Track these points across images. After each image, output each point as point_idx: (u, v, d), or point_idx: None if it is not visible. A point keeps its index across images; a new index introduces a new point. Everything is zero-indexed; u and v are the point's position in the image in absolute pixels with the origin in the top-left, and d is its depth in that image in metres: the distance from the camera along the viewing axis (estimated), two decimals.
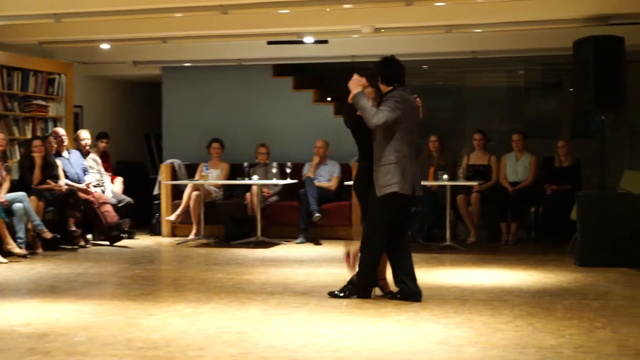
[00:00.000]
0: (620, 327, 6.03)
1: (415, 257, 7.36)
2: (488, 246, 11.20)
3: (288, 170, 11.62)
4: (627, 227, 9.09)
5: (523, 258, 9.92)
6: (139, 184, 13.87)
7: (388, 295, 7.25)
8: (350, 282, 7.27)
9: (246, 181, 11.64)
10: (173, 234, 12.58)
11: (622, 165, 12.20)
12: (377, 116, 6.92)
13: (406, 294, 7.09)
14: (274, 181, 11.68)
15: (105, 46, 12.94)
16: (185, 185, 12.32)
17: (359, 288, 7.20)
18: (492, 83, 15.39)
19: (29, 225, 10.33)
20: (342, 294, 7.22)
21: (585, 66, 9.34)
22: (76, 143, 12.25)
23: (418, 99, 7.26)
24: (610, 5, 9.95)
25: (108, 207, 11.39)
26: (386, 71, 7.19)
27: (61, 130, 11.88)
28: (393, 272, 7.21)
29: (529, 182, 11.73)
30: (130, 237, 11.92)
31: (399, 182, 6.94)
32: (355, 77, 7.15)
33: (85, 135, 12.24)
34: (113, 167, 13.52)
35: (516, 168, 11.84)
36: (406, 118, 6.99)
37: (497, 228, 11.64)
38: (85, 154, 12.09)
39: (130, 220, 11.75)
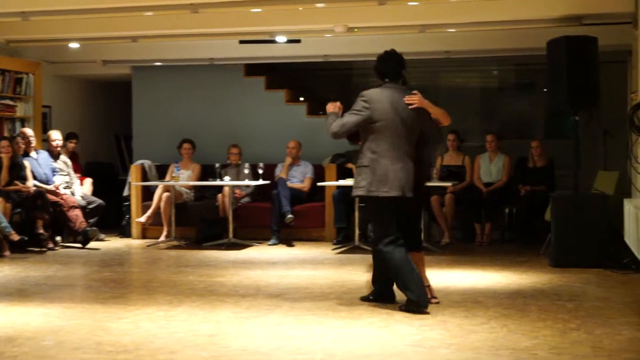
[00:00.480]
0: (594, 328, 6.07)
1: None
2: (462, 247, 11.24)
3: (260, 171, 11.59)
4: (601, 227, 9.14)
5: (497, 259, 9.95)
6: (109, 185, 13.80)
7: (363, 297, 7.23)
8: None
9: (218, 182, 11.60)
10: (143, 236, 12.52)
11: (596, 165, 12.27)
12: (331, 126, 6.87)
13: (380, 296, 7.08)
14: (246, 182, 11.66)
15: (74, 45, 12.86)
16: (156, 187, 12.27)
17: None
18: (465, 83, 15.45)
19: None
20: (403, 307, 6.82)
21: (559, 66, 9.38)
22: (46, 144, 12.17)
23: (414, 98, 6.84)
24: (583, 6, 10.01)
25: (77, 212, 11.29)
26: (377, 67, 7.07)
27: (29, 131, 11.78)
28: (373, 273, 7.20)
29: (502, 182, 11.79)
30: (99, 239, 11.85)
31: (367, 185, 6.77)
32: (329, 104, 7.04)
33: (56, 136, 12.13)
34: (82, 168, 13.45)
35: (490, 169, 11.89)
36: (381, 117, 6.76)
37: (471, 229, 11.69)
38: (56, 155, 12.00)
39: (98, 230, 11.66)
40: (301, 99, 13.97)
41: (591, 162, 12.29)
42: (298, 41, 12.64)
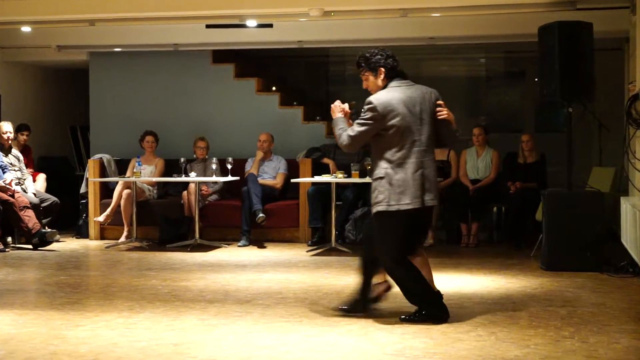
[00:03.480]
0: (588, 337, 6.11)
1: None
2: (447, 249, 11.27)
3: (229, 166, 11.57)
4: (596, 228, 9.17)
5: (485, 262, 9.99)
6: (64, 181, 13.75)
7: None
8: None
9: (183, 178, 11.58)
10: (102, 237, 12.48)
11: (590, 161, 12.36)
12: (341, 138, 6.62)
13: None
14: (214, 178, 11.63)
15: (26, 29, 12.77)
16: (116, 183, 12.22)
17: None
18: (450, 72, 15.50)
19: None
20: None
21: (551, 54, 9.41)
22: None
23: (443, 110, 6.93)
24: None
25: (30, 213, 11.20)
26: (382, 63, 6.71)
27: None
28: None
29: (490, 179, 11.82)
30: (53, 240, 11.79)
31: (386, 199, 6.60)
32: (334, 107, 6.76)
33: (7, 127, 12.02)
34: (35, 162, 13.38)
35: (477, 164, 11.93)
36: (396, 122, 6.53)
37: (457, 229, 11.72)
38: (7, 149, 11.91)
39: (57, 231, 11.57)
40: (273, 88, 13.97)
41: (585, 158, 12.38)
42: (270, 25, 12.62)
